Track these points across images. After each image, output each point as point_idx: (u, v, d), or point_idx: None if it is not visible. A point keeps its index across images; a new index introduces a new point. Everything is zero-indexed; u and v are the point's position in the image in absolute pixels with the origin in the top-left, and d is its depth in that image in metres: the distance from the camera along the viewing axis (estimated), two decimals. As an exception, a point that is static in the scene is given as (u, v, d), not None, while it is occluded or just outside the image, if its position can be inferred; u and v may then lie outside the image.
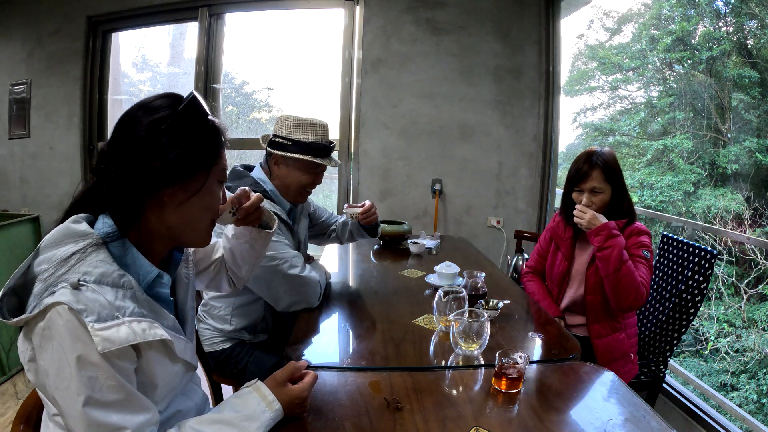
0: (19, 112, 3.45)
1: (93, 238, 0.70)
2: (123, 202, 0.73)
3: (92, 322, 0.64)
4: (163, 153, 0.72)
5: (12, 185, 3.56)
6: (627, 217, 1.58)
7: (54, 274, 0.66)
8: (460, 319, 1.12)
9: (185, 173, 0.74)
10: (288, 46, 4.29)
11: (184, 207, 0.76)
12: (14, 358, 2.49)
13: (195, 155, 0.75)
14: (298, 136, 1.45)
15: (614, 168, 1.55)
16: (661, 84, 8.58)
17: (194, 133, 0.75)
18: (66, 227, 0.71)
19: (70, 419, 0.65)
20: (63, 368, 0.64)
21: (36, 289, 0.66)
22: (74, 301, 0.64)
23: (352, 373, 1.04)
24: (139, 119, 0.73)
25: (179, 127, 0.73)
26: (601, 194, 1.56)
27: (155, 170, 0.72)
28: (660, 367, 1.78)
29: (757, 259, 5.98)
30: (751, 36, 7.41)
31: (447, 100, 3.08)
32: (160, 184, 0.73)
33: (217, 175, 0.80)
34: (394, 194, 3.16)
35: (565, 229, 1.71)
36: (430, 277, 1.70)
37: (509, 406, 0.93)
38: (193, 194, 0.76)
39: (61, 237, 0.69)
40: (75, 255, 0.68)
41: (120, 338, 0.65)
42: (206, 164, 0.77)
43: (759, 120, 7.28)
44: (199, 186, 0.76)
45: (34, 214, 2.77)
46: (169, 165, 0.72)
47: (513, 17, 3.02)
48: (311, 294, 1.41)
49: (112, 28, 3.42)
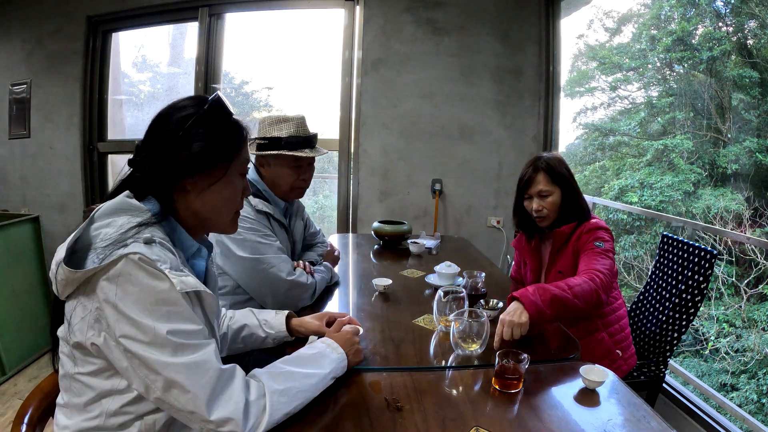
0: (19, 112, 3.45)
1: (148, 213, 0.79)
2: (154, 189, 0.81)
3: (167, 268, 0.72)
4: (188, 145, 0.79)
5: (12, 185, 3.56)
6: (577, 218, 1.57)
7: (121, 234, 0.73)
8: (460, 319, 1.12)
9: (208, 163, 0.81)
10: (288, 46, 4.29)
11: (206, 194, 0.83)
12: (14, 358, 2.49)
13: (217, 147, 0.82)
14: (273, 133, 1.47)
15: (559, 170, 1.56)
16: (661, 84, 8.58)
17: (217, 127, 0.83)
18: (122, 200, 0.79)
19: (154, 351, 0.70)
20: (145, 307, 0.70)
21: (98, 247, 0.73)
22: (149, 251, 0.72)
23: (352, 373, 1.04)
24: (169, 116, 0.81)
25: (204, 122, 0.81)
26: (550, 197, 1.56)
27: (181, 160, 0.79)
28: (660, 367, 1.78)
29: (757, 259, 5.98)
30: (751, 36, 7.41)
31: (447, 100, 3.08)
32: (185, 173, 0.80)
33: (238, 168, 0.86)
34: (394, 194, 3.16)
35: (527, 242, 1.72)
36: (430, 277, 1.70)
37: (509, 406, 0.93)
38: (214, 182, 0.83)
39: (119, 208, 0.78)
40: (139, 225, 0.76)
41: (191, 283, 0.74)
42: (227, 156, 0.84)
43: (759, 120, 7.29)
44: (220, 176, 0.83)
45: (34, 214, 2.76)
46: (194, 156, 0.80)
47: (513, 17, 3.02)
48: (300, 297, 1.43)
49: (112, 28, 3.42)
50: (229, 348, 1.13)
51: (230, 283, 1.46)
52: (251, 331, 1.13)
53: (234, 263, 1.42)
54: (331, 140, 3.20)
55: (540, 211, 1.57)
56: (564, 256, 1.57)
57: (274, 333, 1.14)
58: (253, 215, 1.44)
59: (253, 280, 1.41)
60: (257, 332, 1.13)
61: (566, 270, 1.55)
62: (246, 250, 1.39)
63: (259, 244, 1.40)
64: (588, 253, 1.48)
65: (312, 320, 1.17)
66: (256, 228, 1.42)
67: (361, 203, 3.16)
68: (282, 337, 1.15)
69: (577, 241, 1.54)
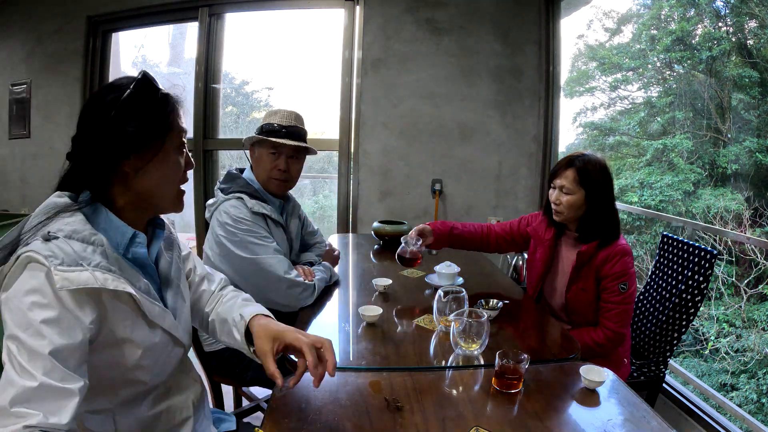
0: (19, 112, 3.45)
1: (66, 205, 0.77)
2: (91, 177, 0.79)
3: (56, 264, 0.69)
4: (119, 127, 0.77)
5: (12, 185, 3.56)
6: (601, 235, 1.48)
7: (29, 230, 0.73)
8: (460, 319, 1.12)
9: (141, 142, 0.79)
10: (288, 46, 4.29)
11: (145, 174, 0.81)
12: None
13: (147, 125, 0.80)
14: (263, 123, 1.52)
15: (593, 174, 1.47)
16: (660, 84, 8.58)
17: (145, 105, 0.80)
18: (48, 201, 0.78)
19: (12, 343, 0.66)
20: (18, 299, 0.68)
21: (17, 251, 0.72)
22: (43, 248, 0.70)
23: (352, 373, 1.04)
24: (100, 98, 0.80)
25: (132, 102, 0.78)
26: (569, 195, 1.48)
27: (114, 143, 0.77)
28: (660, 367, 1.78)
29: (757, 259, 5.98)
30: (751, 36, 7.41)
31: (447, 100, 3.08)
32: (121, 155, 0.78)
33: (172, 142, 0.84)
34: (394, 194, 3.16)
35: (546, 230, 1.65)
36: (430, 277, 1.70)
37: (509, 406, 0.93)
38: (150, 160, 0.81)
39: (43, 208, 0.77)
40: (49, 217, 0.75)
41: (80, 280, 0.70)
42: (160, 133, 0.82)
43: (759, 120, 7.29)
44: (155, 152, 0.81)
45: (34, 214, 2.76)
46: (126, 137, 0.78)
47: (513, 17, 3.02)
48: (300, 296, 1.43)
49: (112, 28, 3.42)
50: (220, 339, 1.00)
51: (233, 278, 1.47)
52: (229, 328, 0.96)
53: (232, 263, 1.43)
54: (331, 140, 3.20)
55: (557, 205, 1.52)
56: (587, 275, 1.52)
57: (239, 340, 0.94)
58: (249, 217, 1.45)
59: (253, 280, 1.42)
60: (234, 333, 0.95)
61: (590, 288, 1.52)
62: (244, 251, 1.40)
63: (255, 245, 1.41)
64: (611, 295, 1.48)
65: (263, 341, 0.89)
66: (253, 229, 1.43)
67: (361, 203, 3.16)
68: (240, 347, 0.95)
69: (603, 265, 1.48)
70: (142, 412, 0.82)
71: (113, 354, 0.77)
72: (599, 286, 1.51)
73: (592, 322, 1.55)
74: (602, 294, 1.51)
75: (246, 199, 1.47)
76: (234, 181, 1.53)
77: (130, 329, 0.78)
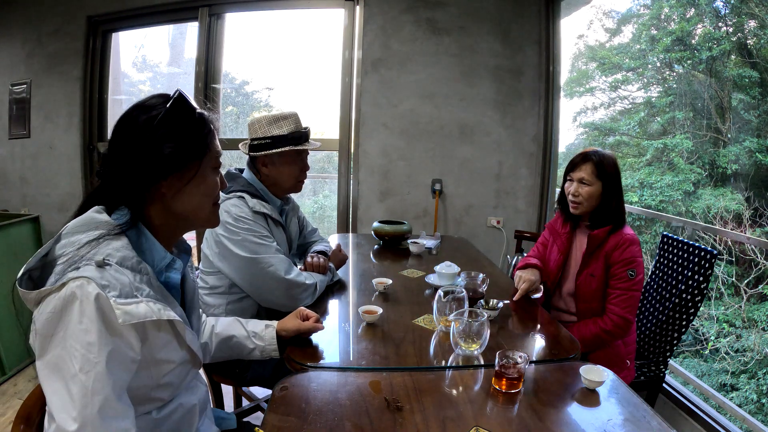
0: (19, 112, 3.45)
1: (110, 225, 0.76)
2: (127, 197, 0.79)
3: (114, 297, 0.69)
4: (157, 148, 0.77)
5: (12, 185, 3.56)
6: (612, 222, 1.56)
7: (77, 254, 0.71)
8: (460, 319, 1.12)
9: (178, 164, 0.80)
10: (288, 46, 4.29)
11: (182, 194, 0.82)
12: (14, 358, 2.49)
13: (186, 146, 0.80)
14: (274, 131, 1.49)
15: (608, 168, 1.56)
16: (660, 84, 8.58)
17: (183, 127, 0.80)
18: (88, 216, 0.77)
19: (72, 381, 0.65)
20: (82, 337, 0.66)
21: (58, 269, 0.71)
22: (99, 276, 0.69)
23: (352, 373, 1.04)
24: (134, 119, 0.79)
25: (168, 122, 0.79)
26: (588, 186, 1.56)
27: (152, 165, 0.78)
28: (660, 367, 1.78)
29: (757, 259, 5.98)
30: (751, 36, 7.41)
31: (447, 100, 3.08)
32: (158, 176, 0.79)
33: (209, 163, 0.85)
34: (394, 194, 3.16)
35: (562, 225, 1.73)
36: (430, 277, 1.70)
37: (509, 406, 0.93)
38: (188, 181, 0.81)
39: (84, 224, 0.75)
40: (98, 239, 0.73)
41: (139, 313, 0.70)
42: (198, 154, 0.82)
43: (759, 120, 7.28)
44: (193, 174, 0.82)
45: (34, 214, 2.76)
46: (163, 159, 0.78)
47: (513, 17, 3.02)
48: (300, 296, 1.44)
49: (112, 28, 3.42)
50: (213, 356, 1.12)
51: (225, 282, 1.47)
52: (239, 341, 1.12)
53: (232, 263, 1.42)
54: (331, 140, 3.20)
55: (576, 197, 1.58)
56: (597, 260, 1.58)
57: (263, 345, 1.13)
58: (251, 216, 1.44)
59: (253, 280, 1.42)
60: (245, 343, 1.12)
61: (598, 275, 1.57)
62: (244, 250, 1.40)
63: (256, 245, 1.41)
64: (619, 281, 1.54)
65: (289, 320, 1.18)
66: (254, 229, 1.43)
67: (361, 203, 3.16)
68: (271, 351, 1.14)
69: (612, 251, 1.55)
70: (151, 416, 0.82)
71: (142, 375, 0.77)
72: (608, 273, 1.57)
73: (597, 311, 1.59)
74: (610, 281, 1.56)
75: (247, 198, 1.47)
76: (235, 181, 1.53)
77: (165, 352, 0.79)
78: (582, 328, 1.57)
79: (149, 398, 0.80)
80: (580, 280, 1.61)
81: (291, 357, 1.11)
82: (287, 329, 1.15)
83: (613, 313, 1.53)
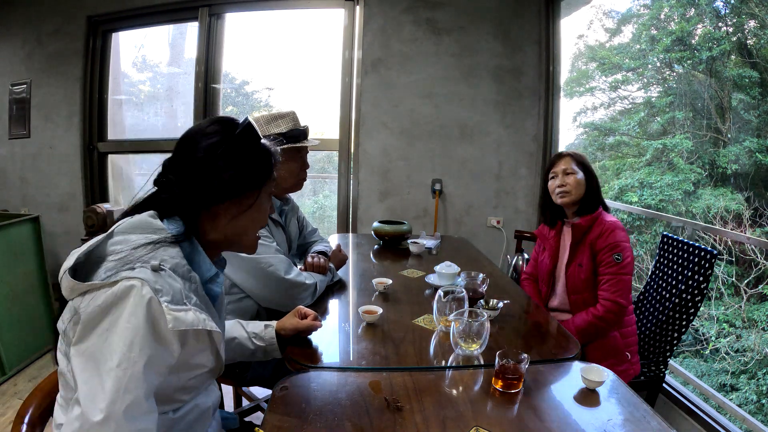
0: (19, 112, 3.45)
1: (166, 233, 0.78)
2: (182, 211, 0.82)
3: (167, 302, 0.70)
4: (219, 173, 0.80)
5: (12, 185, 3.56)
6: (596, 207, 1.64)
7: (132, 254, 0.72)
8: (460, 319, 1.12)
9: (238, 191, 0.83)
10: (288, 46, 4.29)
11: (237, 220, 0.84)
12: (14, 358, 2.49)
13: (247, 176, 0.83)
14: (272, 131, 1.49)
15: (583, 161, 1.68)
16: (660, 84, 8.58)
17: (247, 156, 0.83)
18: (144, 219, 0.78)
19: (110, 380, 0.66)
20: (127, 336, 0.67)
21: (109, 264, 0.72)
22: (153, 280, 0.70)
23: (352, 373, 1.04)
24: (197, 141, 0.82)
25: (234, 150, 0.81)
26: (573, 174, 1.65)
27: (212, 188, 0.80)
28: (660, 367, 1.78)
29: (757, 259, 5.98)
30: (751, 36, 7.41)
31: (447, 100, 3.08)
32: (216, 200, 0.81)
33: (267, 191, 0.88)
34: (394, 194, 3.16)
35: (549, 229, 1.78)
36: (430, 277, 1.70)
37: (509, 406, 0.93)
38: (245, 210, 0.84)
39: (138, 226, 0.77)
40: (154, 244, 0.75)
41: (187, 321, 0.72)
42: (258, 184, 0.85)
43: (759, 120, 7.28)
44: (251, 203, 0.85)
45: (34, 214, 2.76)
46: (224, 184, 0.81)
47: (513, 17, 3.02)
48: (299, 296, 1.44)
49: (112, 28, 3.42)
50: None
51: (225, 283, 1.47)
52: (241, 342, 1.13)
53: (232, 263, 1.42)
54: (331, 140, 3.20)
55: (563, 187, 1.64)
56: (583, 250, 1.63)
57: (263, 346, 1.14)
58: None
59: (253, 281, 1.42)
60: (246, 344, 1.13)
61: (585, 264, 1.62)
62: None
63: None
64: (607, 267, 1.58)
65: (287, 319, 1.19)
66: None
67: (361, 203, 3.16)
68: (272, 352, 1.15)
69: (597, 239, 1.60)
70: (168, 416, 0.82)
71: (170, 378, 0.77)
72: (595, 261, 1.61)
73: (590, 302, 1.62)
74: (599, 268, 1.60)
75: None
76: None
77: (198, 358, 0.80)
78: (576, 319, 1.60)
79: (171, 399, 0.81)
80: (569, 272, 1.66)
81: (291, 357, 1.11)
82: (286, 328, 1.16)
83: (604, 299, 1.56)
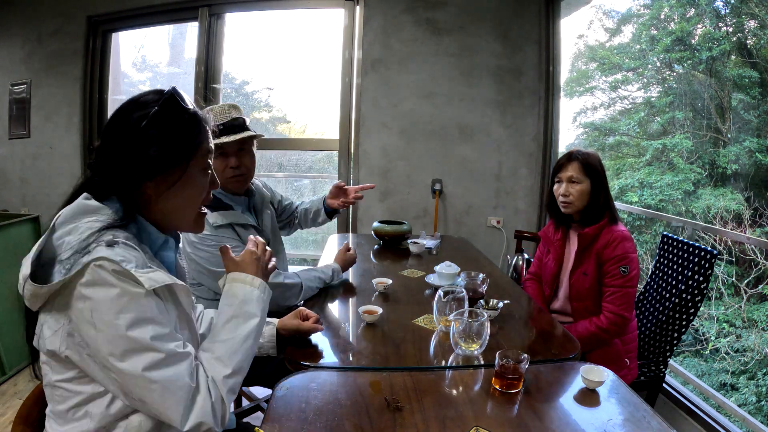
0: (19, 112, 3.45)
1: (108, 213, 0.76)
2: (117, 191, 0.78)
3: (133, 267, 0.70)
4: (143, 148, 0.76)
5: (12, 185, 3.56)
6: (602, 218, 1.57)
7: (83, 241, 0.71)
8: (460, 319, 1.12)
9: (164, 166, 0.78)
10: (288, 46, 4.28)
11: (167, 196, 0.80)
12: (14, 358, 2.49)
13: (173, 148, 0.78)
14: None
15: (594, 165, 1.59)
16: (660, 84, 8.58)
17: (172, 127, 0.78)
18: (79, 203, 0.76)
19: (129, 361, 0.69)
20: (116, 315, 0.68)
21: (64, 257, 0.70)
22: (112, 254, 0.69)
23: (352, 373, 1.04)
24: (127, 114, 0.78)
25: (158, 122, 0.77)
26: (579, 184, 1.58)
27: (137, 164, 0.76)
28: (660, 367, 1.78)
29: (757, 259, 5.97)
30: (751, 36, 7.41)
31: (447, 100, 3.08)
32: (144, 177, 0.77)
33: (198, 164, 0.83)
34: (394, 194, 3.16)
35: (554, 231, 1.74)
36: (430, 277, 1.70)
37: (509, 406, 0.93)
38: (174, 183, 0.80)
39: (78, 212, 0.75)
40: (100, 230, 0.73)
41: (161, 278, 0.72)
42: (185, 156, 0.80)
43: (759, 120, 7.28)
44: (180, 175, 0.80)
45: (34, 214, 2.76)
46: (148, 160, 0.77)
47: (513, 17, 3.02)
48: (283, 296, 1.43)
49: (112, 28, 3.42)
50: None
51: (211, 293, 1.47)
52: None
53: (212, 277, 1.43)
54: (331, 140, 3.20)
55: (566, 197, 1.59)
56: (589, 259, 1.59)
57: (261, 342, 1.12)
58: (213, 233, 1.42)
59: None
60: None
61: (591, 273, 1.58)
62: (218, 266, 1.39)
63: None
64: (613, 279, 1.54)
65: (289, 319, 1.18)
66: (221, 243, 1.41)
67: (361, 203, 3.16)
68: (269, 348, 1.14)
69: (604, 249, 1.55)
70: None
71: None
72: (601, 271, 1.57)
73: (592, 310, 1.59)
74: (604, 279, 1.56)
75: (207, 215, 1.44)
76: None
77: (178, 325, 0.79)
78: (578, 326, 1.58)
79: None
80: (573, 279, 1.62)
81: (291, 357, 1.11)
82: (286, 328, 1.15)
83: (609, 311, 1.54)
